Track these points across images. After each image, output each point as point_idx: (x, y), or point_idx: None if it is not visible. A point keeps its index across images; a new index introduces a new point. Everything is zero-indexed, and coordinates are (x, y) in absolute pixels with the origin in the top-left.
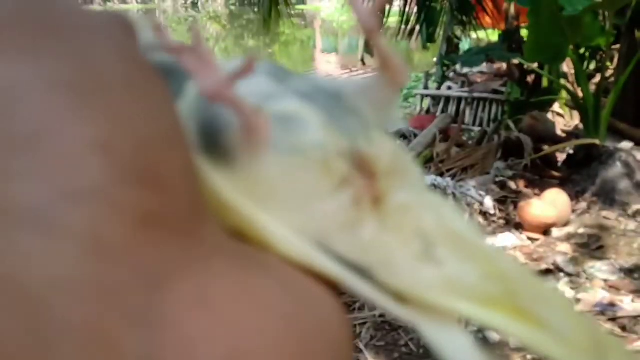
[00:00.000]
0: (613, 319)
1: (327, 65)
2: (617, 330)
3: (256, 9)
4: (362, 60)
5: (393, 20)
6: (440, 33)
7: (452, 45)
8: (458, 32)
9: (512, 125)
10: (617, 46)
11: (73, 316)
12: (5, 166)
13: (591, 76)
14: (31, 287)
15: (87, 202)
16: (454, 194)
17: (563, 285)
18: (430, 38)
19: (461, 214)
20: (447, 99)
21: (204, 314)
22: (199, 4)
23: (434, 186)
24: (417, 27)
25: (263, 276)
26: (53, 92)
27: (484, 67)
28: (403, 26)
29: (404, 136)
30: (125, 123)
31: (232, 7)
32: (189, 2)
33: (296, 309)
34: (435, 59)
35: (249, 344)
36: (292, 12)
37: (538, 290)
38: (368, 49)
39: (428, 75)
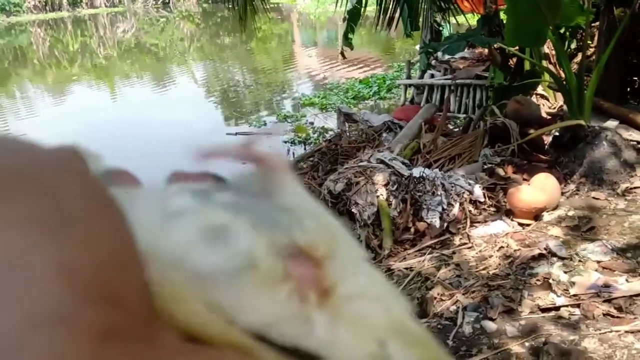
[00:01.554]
0: (608, 300)
1: (308, 60)
2: (613, 311)
3: (230, 6)
4: (342, 53)
5: (371, 9)
6: (420, 20)
7: (434, 32)
8: (438, 18)
9: (497, 110)
10: (597, 24)
11: None
12: None
13: (573, 56)
14: None
15: (50, 325)
16: (443, 185)
17: (557, 269)
18: (413, 25)
19: (397, 295)
20: (431, 87)
21: None
22: (170, 3)
23: (423, 178)
24: (396, 15)
25: None
26: (21, 227)
27: (465, 52)
28: (381, 15)
29: (389, 129)
30: (85, 249)
31: (205, 5)
32: (159, 2)
33: None
34: (417, 47)
35: None
36: (268, 7)
37: None
38: (347, 41)
39: (410, 64)
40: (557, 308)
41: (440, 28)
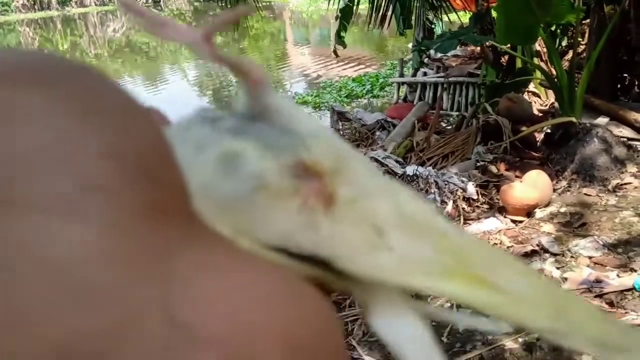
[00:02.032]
0: (600, 295)
1: (301, 58)
2: (605, 306)
3: (222, 4)
4: (335, 51)
5: (363, 7)
6: (413, 18)
7: (426, 30)
8: (430, 16)
9: (489, 108)
10: (588, 21)
11: (100, 279)
12: (33, 164)
13: (564, 53)
14: (62, 259)
15: (102, 193)
16: (436, 183)
17: (549, 265)
18: (405, 24)
19: (417, 196)
20: (424, 85)
21: (211, 276)
22: (161, 2)
23: (416, 176)
24: (389, 14)
25: (250, 255)
26: (72, 114)
27: (458, 50)
28: (374, 13)
29: (382, 127)
30: (128, 138)
31: (197, 4)
32: (150, 0)
33: (285, 282)
34: (409, 45)
35: (249, 301)
36: (260, 5)
37: (494, 259)
38: (340, 39)
39: (403, 62)
40: None
41: (433, 26)
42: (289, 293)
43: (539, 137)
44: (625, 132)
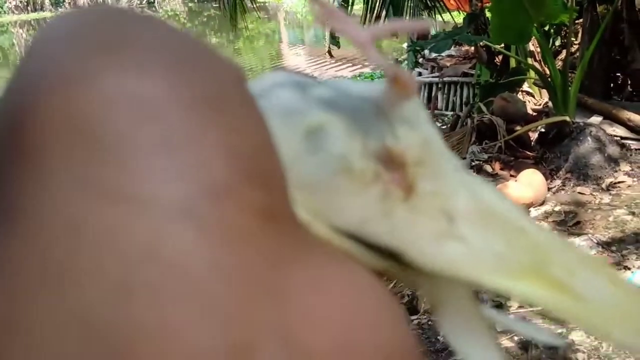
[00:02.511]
0: None
1: (296, 59)
2: None
3: (217, 5)
4: (329, 51)
5: (358, 7)
6: (407, 19)
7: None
8: (424, 16)
9: (483, 107)
10: (581, 21)
11: (219, 288)
12: (156, 165)
13: (557, 53)
14: (185, 266)
15: (221, 197)
16: None
17: None
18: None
19: (496, 190)
20: (418, 85)
21: (321, 295)
22: (156, 3)
23: None
24: (383, 13)
25: (352, 266)
26: (191, 106)
27: (452, 50)
28: (368, 14)
29: None
30: (243, 133)
31: (191, 5)
32: (144, 2)
33: (385, 296)
34: (404, 45)
35: (359, 321)
36: (255, 6)
37: (577, 262)
38: (334, 40)
39: (398, 63)
40: None
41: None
42: (390, 311)
43: (533, 136)
44: (619, 131)
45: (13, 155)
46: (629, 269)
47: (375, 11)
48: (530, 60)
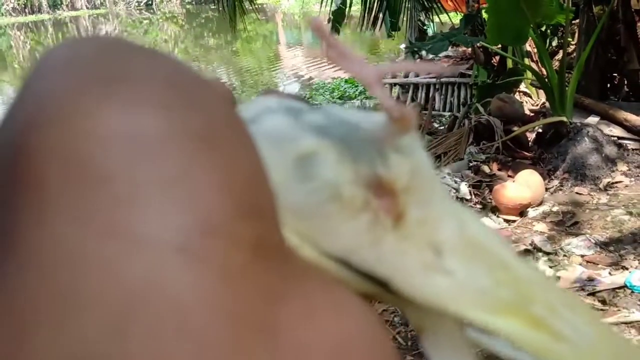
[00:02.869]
0: (592, 294)
1: (294, 60)
2: (598, 304)
3: (214, 6)
4: None
5: (356, 9)
6: (404, 20)
7: (419, 31)
8: (422, 17)
9: (481, 108)
10: (577, 22)
11: (216, 327)
12: (152, 201)
13: (554, 53)
14: (181, 304)
15: (216, 233)
16: None
17: (542, 264)
18: (394, 26)
19: (481, 222)
20: (416, 86)
21: (311, 323)
22: (153, 5)
23: None
24: (380, 15)
25: (341, 293)
26: (184, 142)
27: (449, 51)
28: (366, 15)
29: None
30: (235, 167)
31: (189, 6)
32: (142, 4)
33: (373, 319)
34: (401, 46)
35: (348, 346)
36: (253, 7)
37: (558, 300)
38: None
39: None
40: None
41: (425, 27)
42: (378, 341)
43: (531, 136)
44: (616, 131)
45: (11, 189)
46: (627, 268)
47: (373, 12)
48: (527, 61)
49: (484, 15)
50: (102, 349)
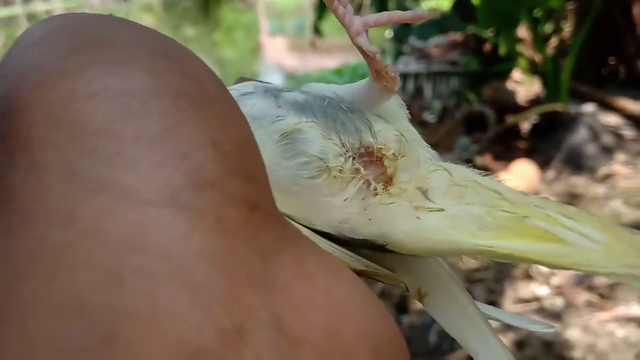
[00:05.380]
0: (590, 288)
1: (277, 50)
2: (595, 299)
3: None
4: (312, 42)
5: None
6: (389, 7)
7: None
8: (409, 3)
9: (472, 98)
10: (572, 6)
11: (216, 281)
12: (141, 156)
13: (548, 39)
14: (174, 253)
15: (207, 187)
16: None
17: None
18: (382, 11)
19: (472, 169)
20: (405, 76)
21: (305, 283)
22: None
23: None
24: (364, 2)
25: (334, 260)
26: (174, 98)
27: (439, 38)
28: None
29: None
30: (226, 129)
31: None
32: None
33: (366, 287)
34: (387, 34)
35: (342, 307)
36: None
37: (557, 212)
38: (317, 29)
39: (382, 52)
40: (539, 299)
41: None
42: (372, 301)
43: (525, 126)
44: (613, 119)
45: (2, 148)
46: None
47: None
48: (520, 48)
49: (475, 1)
50: (98, 298)
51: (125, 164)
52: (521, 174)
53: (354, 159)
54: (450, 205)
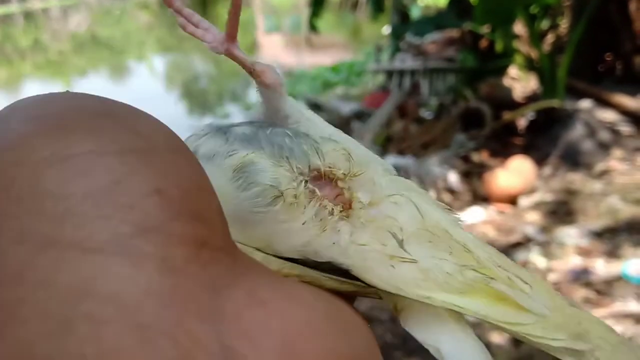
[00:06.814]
0: (587, 284)
1: (273, 47)
2: (592, 295)
3: None
4: (309, 40)
5: None
6: (386, 3)
7: (402, 15)
8: (406, 0)
9: (469, 94)
10: (568, 3)
11: (162, 317)
12: (90, 211)
13: (545, 35)
14: (121, 296)
15: (155, 233)
16: (417, 173)
17: (535, 255)
18: (379, 7)
19: (436, 202)
20: (401, 73)
21: (258, 310)
22: None
23: (395, 167)
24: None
25: (291, 282)
26: (119, 154)
27: (435, 35)
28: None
29: (358, 117)
30: (171, 175)
31: None
32: None
33: (329, 307)
34: (383, 30)
35: (298, 330)
36: None
37: (518, 275)
38: (313, 26)
39: (379, 49)
40: None
41: (407, 11)
42: (333, 321)
43: (521, 122)
44: (609, 115)
45: None
46: (621, 258)
47: None
48: (516, 44)
49: None
50: (44, 348)
51: (74, 220)
52: (518, 170)
53: (306, 182)
54: (423, 258)
